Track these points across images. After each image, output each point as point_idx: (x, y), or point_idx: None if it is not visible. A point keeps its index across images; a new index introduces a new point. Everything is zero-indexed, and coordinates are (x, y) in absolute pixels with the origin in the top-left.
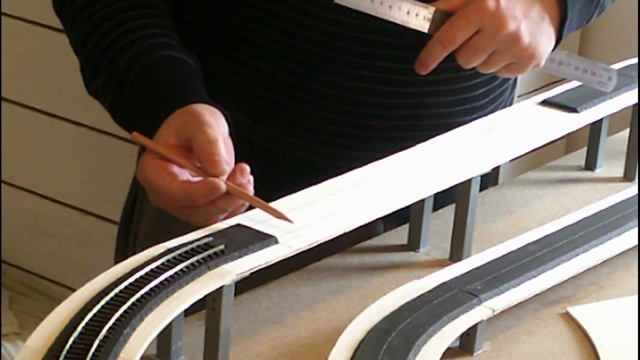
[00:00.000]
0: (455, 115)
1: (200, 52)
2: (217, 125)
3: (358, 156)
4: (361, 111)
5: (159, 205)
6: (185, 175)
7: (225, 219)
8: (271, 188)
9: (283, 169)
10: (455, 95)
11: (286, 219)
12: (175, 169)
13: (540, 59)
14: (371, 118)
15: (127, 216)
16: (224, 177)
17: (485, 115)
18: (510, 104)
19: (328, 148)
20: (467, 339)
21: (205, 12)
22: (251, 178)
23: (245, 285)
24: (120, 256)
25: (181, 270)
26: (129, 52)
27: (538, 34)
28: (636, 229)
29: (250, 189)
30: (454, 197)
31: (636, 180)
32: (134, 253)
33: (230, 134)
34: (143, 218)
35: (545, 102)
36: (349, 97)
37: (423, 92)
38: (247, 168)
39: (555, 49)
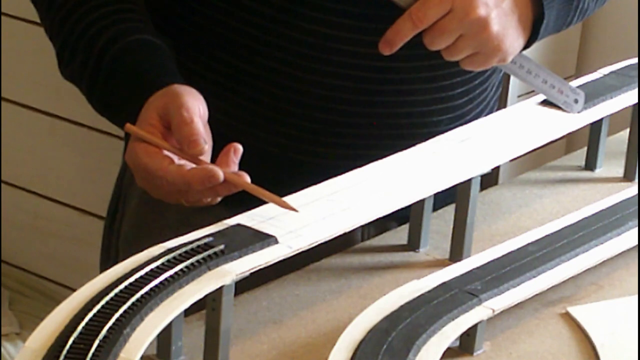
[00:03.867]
0: (432, 115)
1: (181, 50)
2: (194, 106)
3: (337, 154)
4: (338, 109)
5: (149, 188)
6: (177, 160)
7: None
8: (263, 188)
9: (271, 168)
10: (432, 94)
11: (291, 207)
12: (168, 153)
13: (506, 54)
14: (350, 116)
15: (111, 215)
16: (207, 157)
17: (463, 115)
18: (494, 106)
19: (311, 146)
20: (467, 339)
21: (187, 9)
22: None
23: (245, 285)
24: (105, 254)
25: (181, 270)
26: (105, 34)
27: (507, 27)
28: (636, 229)
29: (247, 179)
30: (454, 197)
31: (636, 180)
32: (117, 251)
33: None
34: (125, 217)
35: (545, 102)
36: (326, 95)
37: (399, 91)
38: (240, 148)
39: (526, 48)
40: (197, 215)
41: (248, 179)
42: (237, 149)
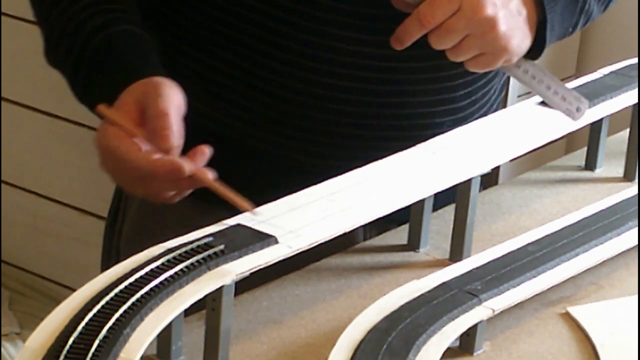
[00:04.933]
0: (434, 116)
1: (181, 49)
2: (172, 98)
3: (337, 155)
4: (340, 109)
5: (113, 172)
6: (147, 146)
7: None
8: (262, 188)
9: (270, 168)
10: (435, 95)
11: (247, 208)
12: (138, 139)
13: (512, 54)
14: (351, 116)
15: (112, 215)
16: (176, 151)
17: (466, 117)
18: (497, 109)
19: (311, 146)
20: (467, 339)
21: (189, 7)
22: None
23: (245, 285)
24: (106, 255)
25: (181, 270)
26: (92, 22)
27: (514, 27)
28: (636, 229)
29: (210, 175)
30: (454, 197)
31: (636, 180)
32: (118, 252)
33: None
34: (127, 217)
35: (545, 102)
36: (327, 95)
37: (402, 91)
38: (207, 151)
39: (537, 56)
40: (197, 216)
41: (210, 175)
42: (203, 152)
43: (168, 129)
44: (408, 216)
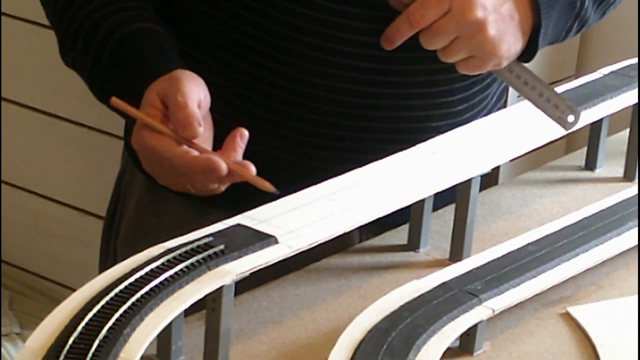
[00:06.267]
0: (431, 120)
1: (180, 48)
2: (191, 91)
3: (333, 158)
4: (336, 111)
5: (156, 172)
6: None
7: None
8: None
9: (267, 170)
10: (431, 99)
11: (271, 189)
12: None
13: (502, 58)
14: (348, 118)
15: (110, 216)
16: (208, 142)
17: (463, 122)
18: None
19: (307, 149)
20: (467, 339)
21: (188, 7)
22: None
23: (245, 285)
24: (104, 256)
25: (181, 270)
26: (108, 22)
27: (504, 31)
28: (636, 229)
29: (253, 169)
30: (454, 197)
31: (636, 180)
32: (115, 253)
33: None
34: (124, 218)
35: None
36: (324, 96)
37: (399, 94)
38: (246, 133)
39: (525, 55)
40: (194, 218)
41: (253, 169)
42: (243, 134)
43: (189, 117)
44: (405, 219)
